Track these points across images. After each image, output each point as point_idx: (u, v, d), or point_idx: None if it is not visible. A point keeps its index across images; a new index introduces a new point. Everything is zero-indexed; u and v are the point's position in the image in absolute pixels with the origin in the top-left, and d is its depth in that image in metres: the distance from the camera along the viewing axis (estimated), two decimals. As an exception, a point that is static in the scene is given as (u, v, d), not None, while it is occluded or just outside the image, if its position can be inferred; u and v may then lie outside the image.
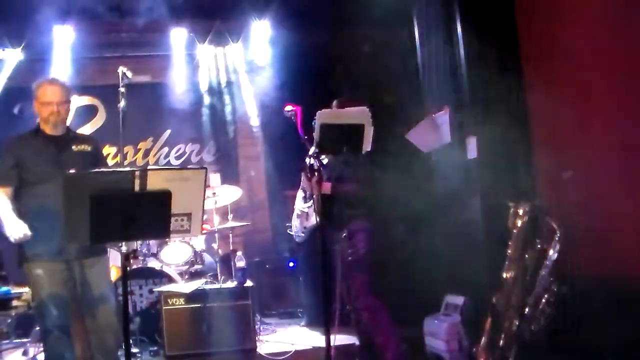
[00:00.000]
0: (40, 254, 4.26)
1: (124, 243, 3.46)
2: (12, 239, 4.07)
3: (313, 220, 4.94)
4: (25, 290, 4.47)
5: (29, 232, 4.07)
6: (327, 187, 4.71)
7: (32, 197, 4.27)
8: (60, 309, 4.30)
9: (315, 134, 3.91)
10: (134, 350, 5.56)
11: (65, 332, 4.35)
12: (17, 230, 4.05)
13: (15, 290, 4.62)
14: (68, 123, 4.55)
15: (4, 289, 4.53)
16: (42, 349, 5.59)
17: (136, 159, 8.08)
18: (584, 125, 4.44)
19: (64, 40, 7.38)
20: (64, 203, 3.22)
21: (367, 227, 4.89)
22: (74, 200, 3.18)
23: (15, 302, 4.98)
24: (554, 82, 4.74)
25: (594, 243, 4.26)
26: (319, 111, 3.95)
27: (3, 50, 7.30)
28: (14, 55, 7.41)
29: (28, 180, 4.31)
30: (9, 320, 5.83)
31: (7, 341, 5.95)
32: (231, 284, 5.88)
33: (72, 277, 4.34)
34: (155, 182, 3.26)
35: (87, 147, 4.49)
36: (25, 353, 5.74)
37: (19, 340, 6.05)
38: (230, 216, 6.81)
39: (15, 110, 7.37)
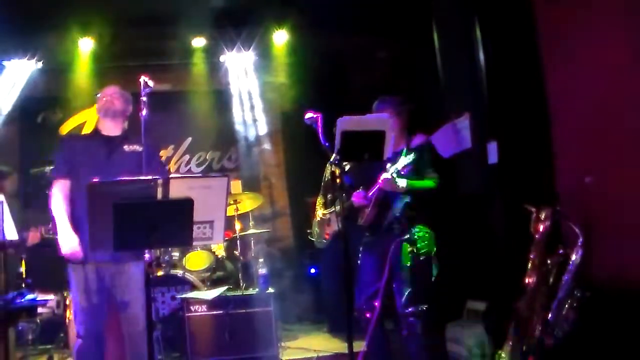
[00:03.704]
0: (88, 256, 4.26)
1: (147, 251, 3.50)
2: (62, 251, 4.15)
3: (335, 226, 4.91)
4: (51, 297, 4.52)
5: (78, 248, 4.15)
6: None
7: (81, 199, 4.30)
8: (93, 316, 4.31)
9: (337, 142, 3.90)
10: (157, 357, 5.60)
11: (96, 339, 4.36)
12: (68, 243, 4.14)
13: (40, 297, 4.66)
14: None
15: (30, 296, 4.57)
16: (66, 355, 5.68)
17: (158, 167, 8.12)
18: (607, 129, 4.40)
19: (85, 50, 7.45)
20: (88, 211, 3.26)
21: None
22: (98, 208, 3.22)
23: (40, 309, 5.04)
24: (576, 85, 4.70)
25: (617, 248, 4.22)
26: (340, 118, 3.94)
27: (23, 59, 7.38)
28: (30, 66, 7.48)
29: (78, 181, 4.32)
30: (35, 327, 5.91)
31: (32, 347, 6.03)
32: (253, 291, 5.91)
33: (113, 283, 4.34)
34: (178, 190, 3.30)
35: (138, 148, 4.50)
36: (50, 359, 5.80)
37: (44, 346, 6.11)
38: (251, 223, 6.84)
39: (39, 120, 7.46)
